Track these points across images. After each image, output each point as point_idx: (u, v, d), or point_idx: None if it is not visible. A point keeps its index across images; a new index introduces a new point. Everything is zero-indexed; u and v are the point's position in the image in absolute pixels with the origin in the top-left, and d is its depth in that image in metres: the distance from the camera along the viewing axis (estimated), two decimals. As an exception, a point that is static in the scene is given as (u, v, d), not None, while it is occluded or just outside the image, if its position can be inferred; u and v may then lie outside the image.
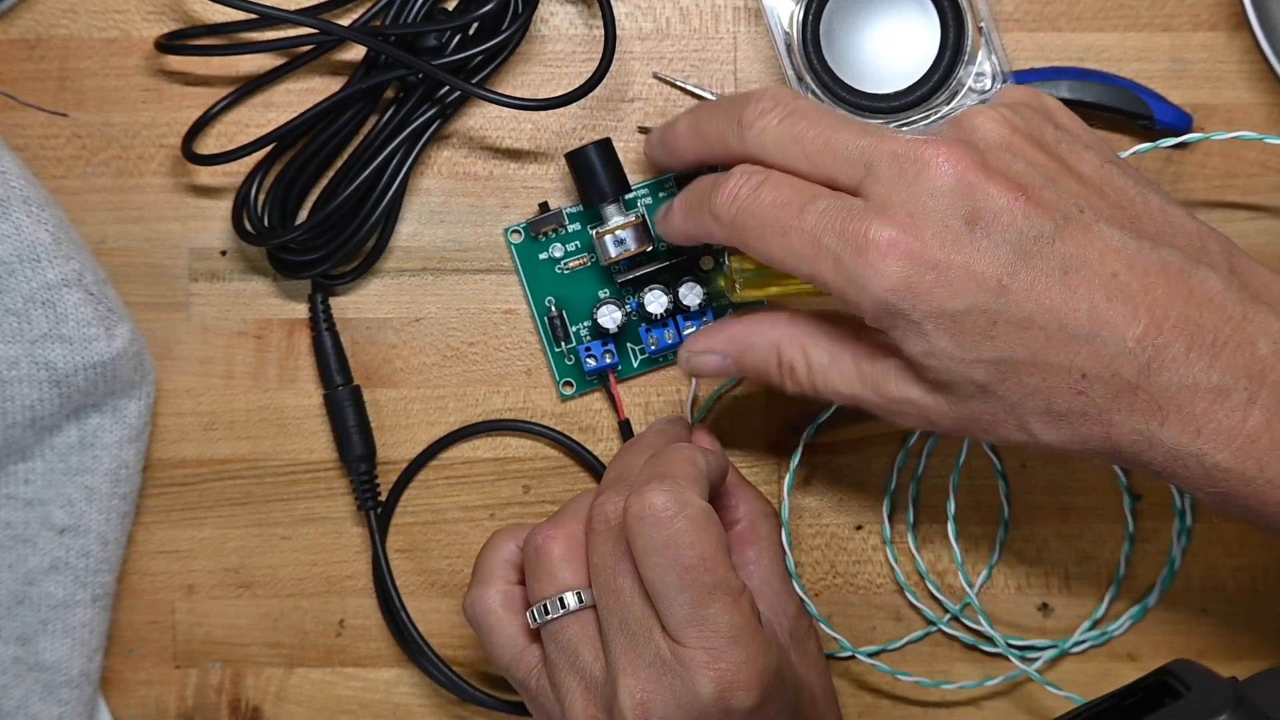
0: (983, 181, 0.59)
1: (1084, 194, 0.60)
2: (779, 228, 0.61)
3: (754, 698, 0.62)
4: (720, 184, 0.63)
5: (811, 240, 0.60)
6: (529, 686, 0.67)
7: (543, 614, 0.65)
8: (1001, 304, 0.58)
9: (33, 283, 0.69)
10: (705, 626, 0.62)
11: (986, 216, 0.58)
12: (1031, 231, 0.58)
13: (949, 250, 0.58)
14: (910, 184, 0.59)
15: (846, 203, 0.60)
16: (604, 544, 0.64)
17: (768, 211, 0.61)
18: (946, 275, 0.58)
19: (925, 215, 0.58)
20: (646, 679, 0.62)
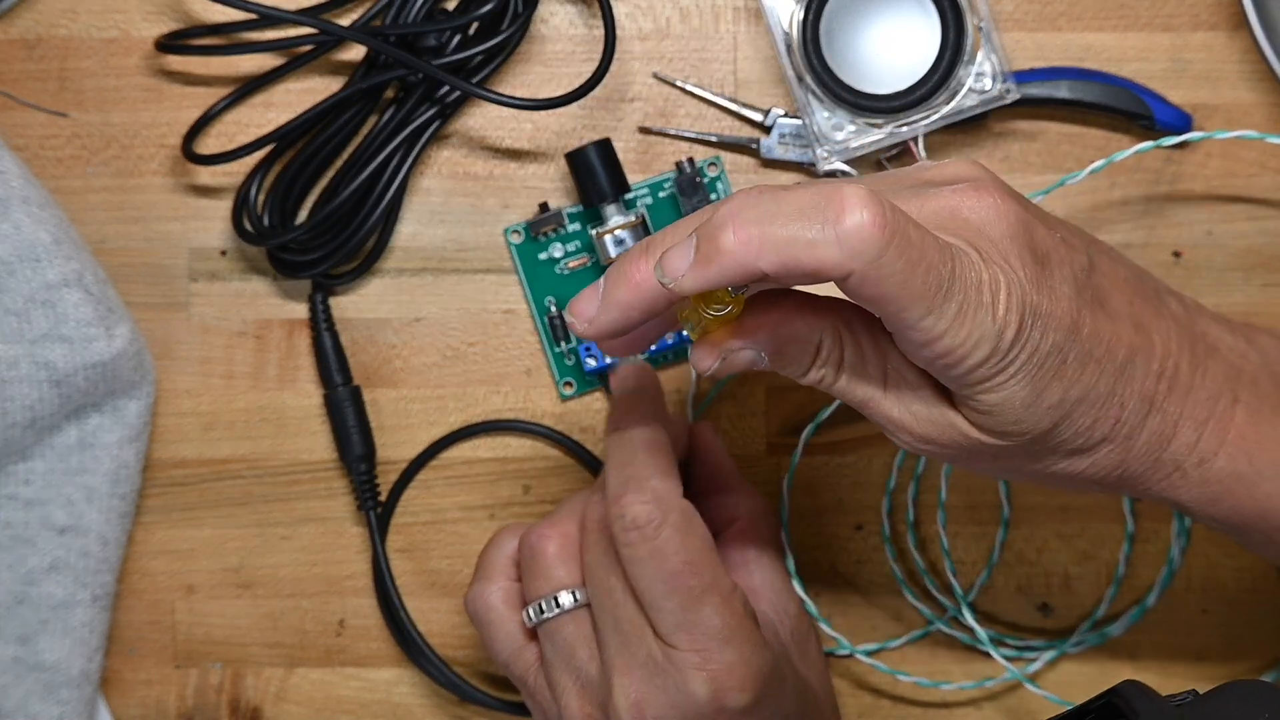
0: (1030, 218, 0.57)
1: (1080, 243, 0.60)
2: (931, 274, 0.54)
3: (748, 697, 0.62)
4: (845, 197, 0.53)
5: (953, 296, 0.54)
6: (527, 684, 0.67)
7: (538, 613, 0.65)
8: (1072, 340, 0.56)
9: (33, 283, 0.69)
10: (696, 630, 0.62)
11: (1046, 254, 0.56)
12: (1078, 267, 0.58)
13: (1039, 292, 0.55)
14: (984, 230, 0.55)
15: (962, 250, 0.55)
16: (596, 545, 0.65)
17: (904, 239, 0.53)
18: (1042, 319, 0.55)
19: (1015, 258, 0.55)
20: (641, 679, 0.62)
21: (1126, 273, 0.61)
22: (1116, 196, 0.74)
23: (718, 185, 0.73)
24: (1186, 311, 0.62)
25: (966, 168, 0.58)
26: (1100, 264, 0.59)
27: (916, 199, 0.56)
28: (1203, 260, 0.74)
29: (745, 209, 0.53)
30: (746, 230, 0.53)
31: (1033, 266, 0.55)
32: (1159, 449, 0.60)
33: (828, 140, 0.72)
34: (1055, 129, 0.74)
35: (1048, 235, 0.57)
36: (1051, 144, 0.74)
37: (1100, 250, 0.61)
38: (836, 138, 0.72)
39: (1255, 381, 0.62)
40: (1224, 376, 0.61)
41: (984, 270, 0.54)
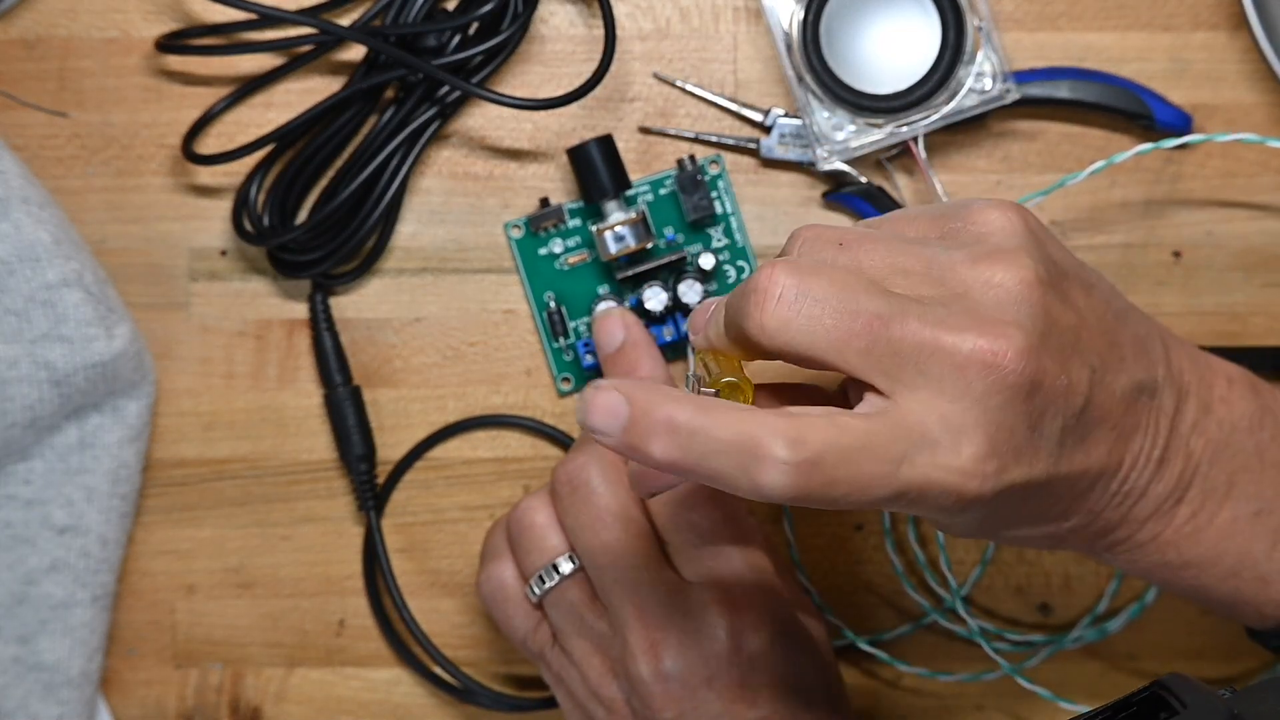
0: (1040, 376, 0.53)
1: (1091, 345, 0.56)
2: (867, 495, 0.53)
3: (765, 638, 0.65)
4: (765, 449, 0.51)
5: (902, 493, 0.53)
6: (546, 658, 0.68)
7: (540, 585, 0.66)
8: (1039, 489, 0.56)
9: (33, 283, 0.69)
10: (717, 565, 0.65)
11: (1041, 413, 0.54)
12: (1070, 414, 0.55)
13: (1020, 465, 0.54)
14: (980, 398, 0.53)
15: (918, 446, 0.53)
16: (571, 506, 0.66)
17: (849, 486, 0.52)
18: (1018, 488, 0.54)
19: (1001, 434, 0.53)
20: (654, 624, 0.64)
21: (1124, 385, 0.57)
22: (1116, 196, 0.74)
23: (719, 183, 0.74)
24: (1174, 402, 0.60)
25: (1006, 271, 0.54)
26: (1097, 393, 0.56)
27: (929, 328, 0.53)
28: (1203, 260, 0.74)
29: (679, 427, 0.51)
30: (675, 452, 0.52)
31: (1022, 434, 0.53)
32: (1094, 540, 0.60)
33: (828, 140, 0.72)
34: (1055, 129, 0.74)
35: (1053, 384, 0.54)
36: (1051, 144, 0.74)
37: (1109, 356, 0.57)
38: (836, 138, 0.72)
39: (1207, 474, 0.60)
40: (1178, 477, 0.59)
41: (953, 454, 0.52)
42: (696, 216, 0.73)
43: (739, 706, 0.64)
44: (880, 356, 0.53)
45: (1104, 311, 0.57)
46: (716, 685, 0.64)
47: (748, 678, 0.64)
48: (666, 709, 0.64)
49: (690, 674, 0.64)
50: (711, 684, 0.64)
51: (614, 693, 0.66)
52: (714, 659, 0.64)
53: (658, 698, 0.64)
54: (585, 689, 0.66)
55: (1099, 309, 0.57)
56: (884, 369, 0.53)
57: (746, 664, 0.64)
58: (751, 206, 0.74)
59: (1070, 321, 0.55)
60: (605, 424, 0.52)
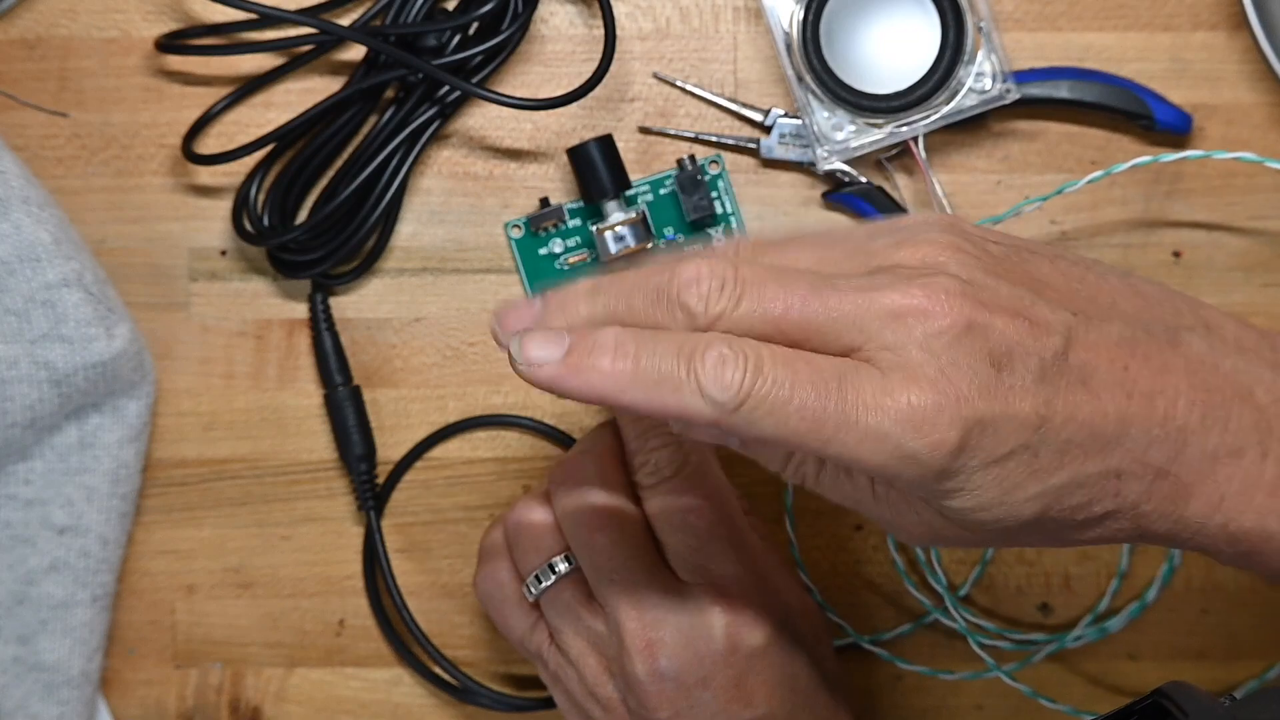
0: (988, 317, 0.53)
1: (1064, 299, 0.56)
2: (805, 411, 0.53)
3: (762, 637, 0.64)
4: (703, 356, 0.52)
5: (849, 423, 0.53)
6: (544, 658, 0.68)
7: (536, 585, 0.67)
8: (1041, 436, 0.54)
9: (33, 283, 0.69)
10: (713, 565, 0.65)
11: (1005, 353, 0.53)
12: (1047, 353, 0.54)
13: (989, 401, 0.53)
14: (923, 341, 0.53)
15: (864, 373, 0.53)
16: (568, 505, 0.66)
17: (789, 391, 0.52)
18: (994, 426, 0.53)
19: (954, 369, 0.53)
20: (650, 622, 0.64)
21: (1121, 329, 0.56)
22: (1116, 196, 0.74)
23: (719, 183, 0.74)
24: (1213, 349, 0.57)
25: (925, 248, 0.55)
26: (1082, 335, 0.55)
27: (860, 293, 0.53)
28: (1203, 260, 0.74)
29: (627, 340, 0.53)
30: (623, 362, 0.52)
31: (984, 373, 0.53)
32: (1176, 512, 0.56)
33: (828, 140, 0.72)
34: (1055, 129, 0.74)
35: (1009, 325, 0.54)
36: (1051, 144, 0.74)
37: (1091, 308, 0.56)
38: (836, 138, 0.72)
39: None
40: (1252, 426, 0.56)
41: (902, 391, 0.52)
42: (696, 216, 0.73)
43: (735, 706, 0.64)
44: (819, 326, 0.53)
45: (1081, 273, 0.57)
46: (713, 685, 0.64)
47: (744, 677, 0.64)
48: (663, 708, 0.64)
49: (686, 674, 0.64)
50: (708, 684, 0.64)
51: (610, 692, 0.66)
52: (710, 659, 0.64)
53: (654, 697, 0.64)
54: (582, 688, 0.66)
55: (1071, 272, 0.57)
56: (825, 338, 0.53)
57: (743, 664, 0.64)
58: (751, 206, 0.74)
59: (1019, 278, 0.55)
60: (544, 352, 0.53)
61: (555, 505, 0.67)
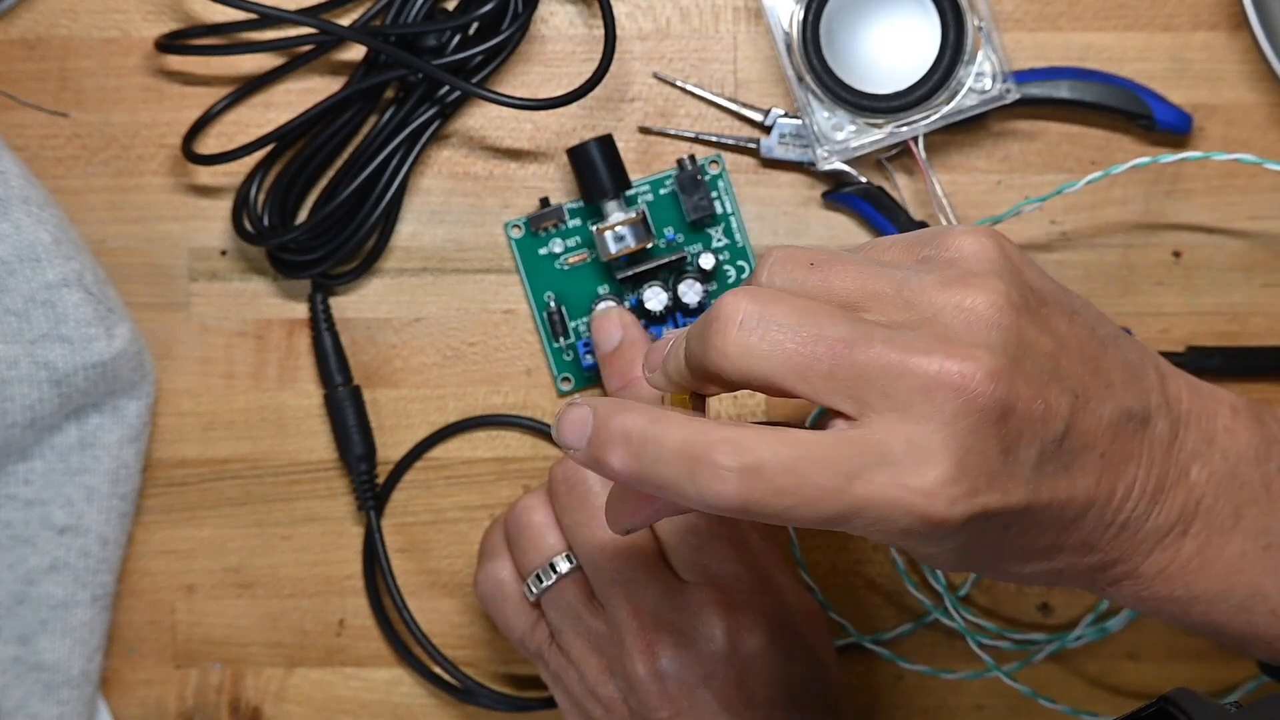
0: (1013, 400, 0.52)
1: (1073, 371, 0.55)
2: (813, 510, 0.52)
3: (761, 639, 0.64)
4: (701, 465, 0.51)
5: (855, 514, 0.52)
6: (544, 657, 0.68)
7: (537, 584, 0.67)
8: (1019, 518, 0.54)
9: (33, 283, 0.69)
10: (713, 565, 0.65)
11: (1015, 438, 0.53)
12: (1049, 440, 0.53)
13: (992, 491, 0.52)
14: (949, 421, 0.51)
15: (876, 464, 0.51)
16: (568, 505, 0.66)
17: (795, 498, 0.51)
18: (992, 516, 0.53)
19: (970, 458, 0.52)
20: (651, 624, 0.64)
21: (1111, 412, 0.55)
22: (1116, 196, 0.74)
23: (719, 183, 0.74)
24: (1170, 430, 0.58)
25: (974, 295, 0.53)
26: (1080, 419, 0.54)
27: (895, 352, 0.52)
28: (1203, 260, 0.74)
29: (635, 434, 0.52)
30: (630, 461, 0.52)
31: (994, 459, 0.52)
32: (1094, 574, 0.58)
33: (828, 140, 0.72)
34: (1055, 129, 0.74)
35: (1028, 408, 0.53)
36: (1051, 144, 0.74)
37: (1092, 384, 0.55)
38: (836, 138, 0.72)
39: (1212, 506, 0.58)
40: (1180, 508, 0.57)
41: (918, 476, 0.51)
42: (696, 216, 0.73)
43: (736, 706, 0.64)
44: (845, 381, 0.52)
45: (1088, 338, 0.56)
46: (713, 685, 0.64)
47: (744, 678, 0.64)
48: (663, 708, 0.64)
49: (687, 674, 0.64)
50: (708, 684, 0.64)
51: (611, 692, 0.66)
52: (711, 659, 0.64)
53: (654, 697, 0.64)
54: (583, 688, 0.66)
55: (1082, 335, 0.56)
56: (849, 393, 0.52)
57: (743, 664, 0.64)
58: (751, 206, 0.74)
59: (1047, 347, 0.54)
60: (574, 438, 0.53)
61: (556, 505, 0.67)
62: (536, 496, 0.68)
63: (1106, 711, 0.74)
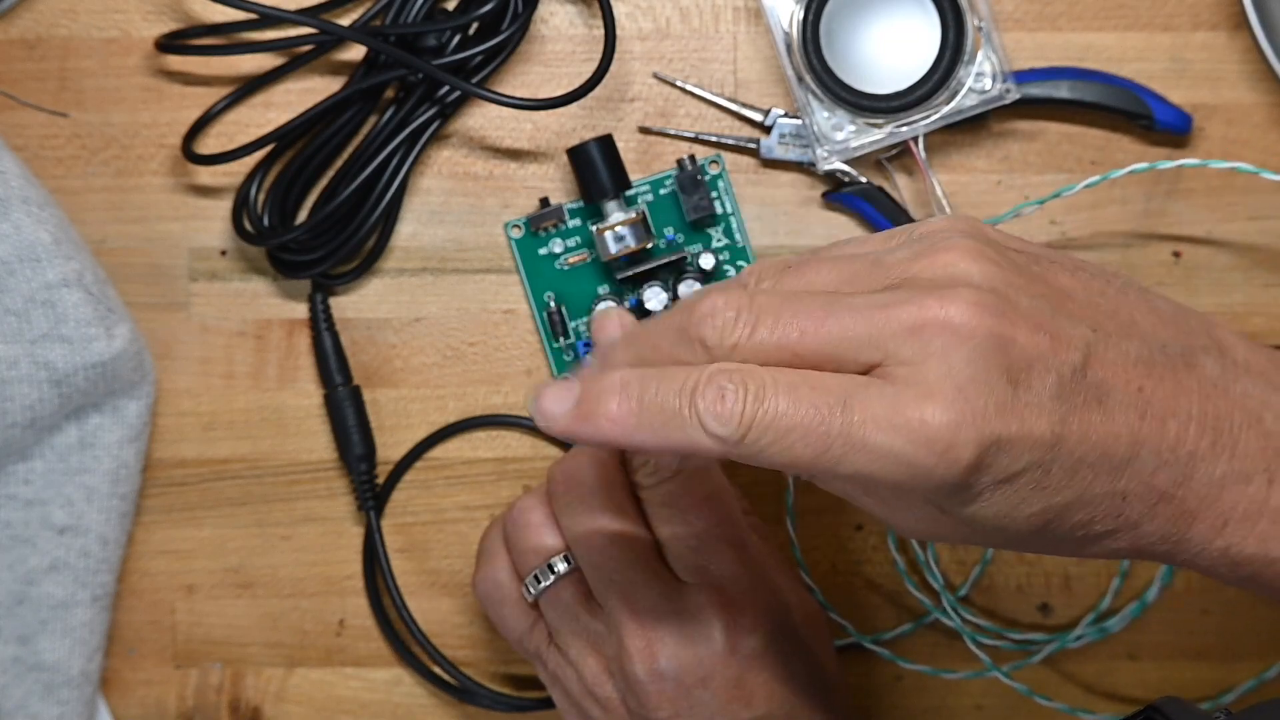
0: (1009, 330, 0.52)
1: (1084, 313, 0.55)
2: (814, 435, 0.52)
3: (760, 639, 0.64)
4: (703, 390, 0.52)
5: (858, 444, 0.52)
6: (542, 657, 0.68)
7: (535, 584, 0.67)
8: (1054, 455, 0.53)
9: (33, 283, 0.69)
10: (713, 565, 0.65)
11: (1024, 368, 0.52)
12: (1066, 369, 0.53)
13: (1006, 418, 0.52)
14: (941, 355, 0.52)
15: (875, 391, 0.52)
16: (566, 505, 0.66)
17: (792, 418, 0.52)
18: (1009, 445, 0.52)
19: (972, 386, 0.52)
20: (649, 623, 0.64)
21: (1139, 348, 0.55)
22: (1116, 196, 0.74)
23: (719, 183, 0.74)
24: (1225, 372, 0.56)
25: (945, 254, 0.54)
26: (1101, 352, 0.54)
27: (876, 310, 0.53)
28: (1203, 260, 0.74)
29: (632, 380, 0.53)
30: (628, 404, 0.53)
31: (1002, 389, 0.52)
32: (1177, 534, 0.56)
33: (828, 140, 0.72)
34: (1055, 129, 0.74)
35: (1030, 339, 0.53)
36: (1051, 144, 0.74)
37: (1110, 324, 0.55)
38: (836, 138, 0.72)
39: None
40: (1260, 452, 0.55)
41: (917, 408, 0.51)
42: (696, 216, 0.73)
43: (735, 706, 0.64)
44: (837, 346, 0.52)
45: (1101, 287, 0.56)
46: (712, 685, 0.64)
47: (743, 678, 0.64)
48: (662, 708, 0.64)
49: (686, 674, 0.64)
50: (707, 684, 0.64)
51: (610, 692, 0.66)
52: (709, 659, 0.64)
53: (653, 697, 0.64)
54: (581, 688, 0.66)
55: (1091, 285, 0.56)
56: (843, 356, 0.52)
57: (742, 664, 0.64)
58: (751, 206, 0.74)
59: (1041, 290, 0.54)
60: (557, 406, 0.53)
61: (555, 506, 0.67)
62: (535, 497, 0.68)
63: (1106, 711, 0.74)
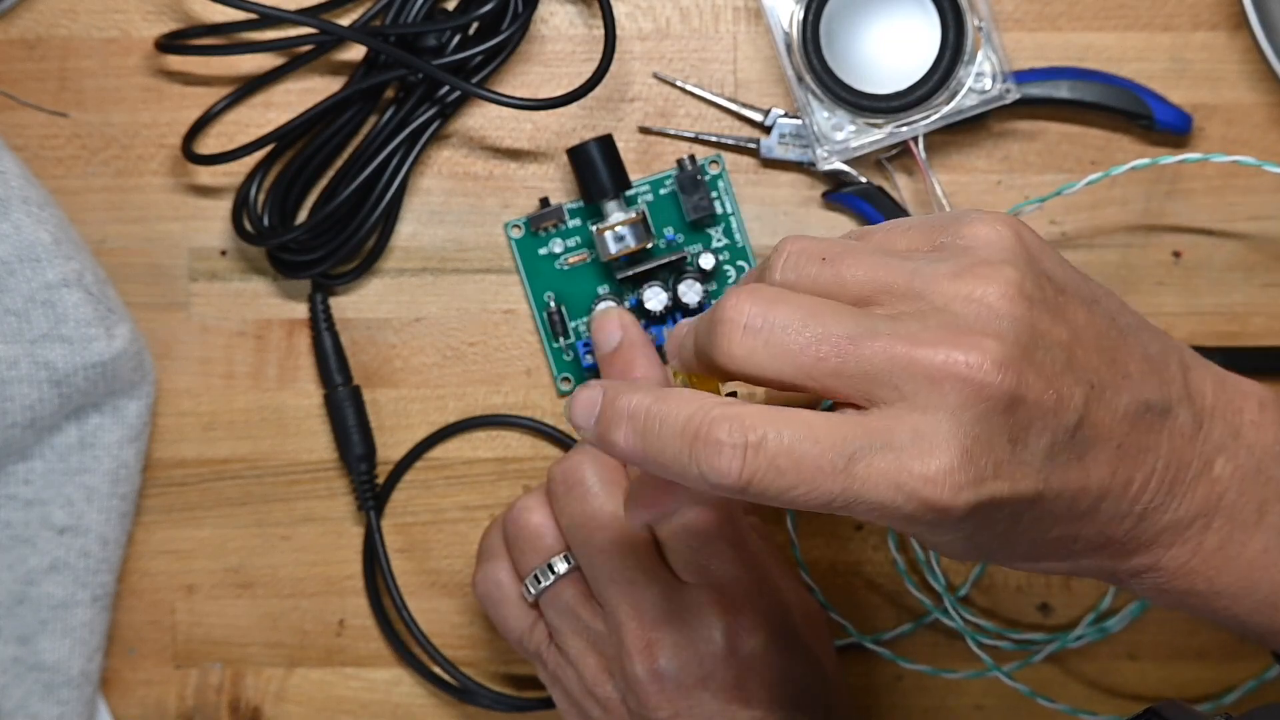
0: (1022, 390, 0.52)
1: (1089, 361, 0.54)
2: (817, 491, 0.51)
3: (760, 641, 0.64)
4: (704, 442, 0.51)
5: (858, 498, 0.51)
6: (542, 657, 0.68)
7: (536, 585, 0.67)
8: (1030, 507, 0.53)
9: (33, 283, 0.69)
10: (713, 566, 0.65)
11: (1024, 427, 0.52)
12: (1061, 432, 0.53)
13: (1000, 481, 0.52)
14: (954, 412, 0.51)
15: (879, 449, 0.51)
16: (567, 505, 0.66)
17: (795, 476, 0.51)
18: (1000, 505, 0.52)
19: (977, 447, 0.51)
20: (650, 623, 0.64)
21: (1127, 403, 0.55)
22: (1116, 196, 0.74)
23: (719, 183, 0.74)
24: (1193, 421, 0.57)
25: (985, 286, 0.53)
26: (1094, 410, 0.54)
27: (900, 345, 0.52)
28: (1203, 260, 0.74)
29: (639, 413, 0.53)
30: (633, 438, 0.53)
31: (1002, 448, 0.52)
32: (1111, 566, 0.57)
33: (828, 140, 0.72)
34: (1055, 129, 0.74)
35: (1039, 398, 0.52)
36: (1051, 144, 0.74)
37: (1108, 374, 0.55)
38: (836, 138, 0.72)
39: (1235, 501, 0.57)
40: (1203, 501, 0.57)
41: (921, 463, 0.51)
42: (696, 216, 0.73)
43: (734, 707, 0.64)
44: (852, 376, 0.52)
45: (1107, 328, 0.56)
46: (712, 685, 0.64)
47: (743, 678, 0.64)
48: (661, 708, 0.64)
49: (685, 674, 0.64)
50: (707, 684, 0.64)
51: (609, 692, 0.66)
52: (709, 659, 0.64)
53: (653, 697, 0.64)
54: (581, 688, 0.66)
55: (1100, 325, 0.55)
56: (857, 388, 0.52)
57: (742, 665, 0.64)
58: (751, 206, 0.74)
59: (1061, 337, 0.54)
60: (584, 418, 0.53)
61: (554, 505, 0.67)
62: (535, 497, 0.68)
63: (1106, 712, 0.74)
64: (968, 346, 0.51)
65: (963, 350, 0.51)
